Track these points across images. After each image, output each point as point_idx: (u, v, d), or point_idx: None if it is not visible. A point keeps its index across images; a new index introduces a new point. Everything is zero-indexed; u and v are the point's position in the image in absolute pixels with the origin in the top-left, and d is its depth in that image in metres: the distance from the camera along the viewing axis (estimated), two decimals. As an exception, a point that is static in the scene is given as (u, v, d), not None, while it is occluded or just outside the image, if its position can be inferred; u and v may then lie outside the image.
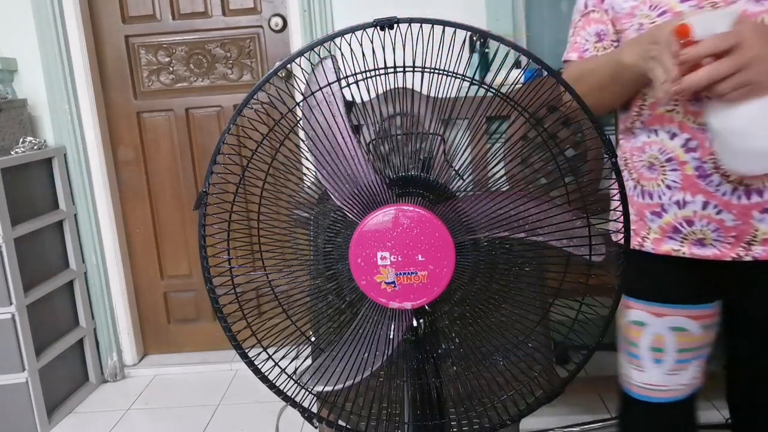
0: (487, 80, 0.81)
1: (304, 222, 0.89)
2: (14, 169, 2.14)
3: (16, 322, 2.08)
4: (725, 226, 0.95)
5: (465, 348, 0.85)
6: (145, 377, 2.57)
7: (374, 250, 0.77)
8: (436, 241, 0.76)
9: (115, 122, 2.55)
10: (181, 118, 2.54)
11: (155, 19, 2.47)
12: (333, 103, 0.81)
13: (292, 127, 0.85)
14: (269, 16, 2.44)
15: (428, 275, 0.77)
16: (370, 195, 0.80)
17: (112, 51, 2.50)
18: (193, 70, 2.51)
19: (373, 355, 0.84)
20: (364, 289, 0.79)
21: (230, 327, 0.87)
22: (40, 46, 2.34)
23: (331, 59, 0.81)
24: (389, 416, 0.89)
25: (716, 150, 0.90)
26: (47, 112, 2.40)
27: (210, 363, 2.59)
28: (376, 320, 0.83)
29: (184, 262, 2.64)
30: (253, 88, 0.82)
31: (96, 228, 2.48)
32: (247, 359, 0.88)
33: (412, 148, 0.85)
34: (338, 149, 0.81)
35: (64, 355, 2.33)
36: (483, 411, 0.87)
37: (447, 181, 0.83)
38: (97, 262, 2.49)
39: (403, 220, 0.76)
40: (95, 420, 2.28)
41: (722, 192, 0.94)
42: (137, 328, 2.67)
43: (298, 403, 0.89)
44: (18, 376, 2.10)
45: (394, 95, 0.82)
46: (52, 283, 2.30)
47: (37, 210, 2.27)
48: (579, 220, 0.80)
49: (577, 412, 1.99)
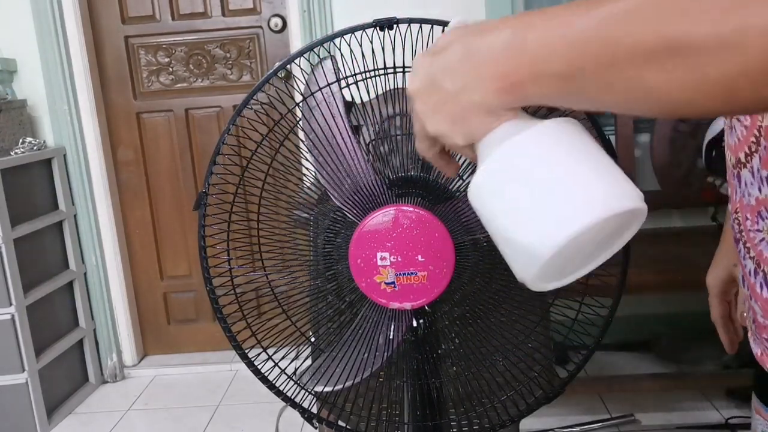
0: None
1: (304, 222, 0.89)
2: (14, 169, 2.14)
3: (16, 322, 2.07)
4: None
5: (465, 348, 0.85)
6: (145, 378, 2.57)
7: (374, 250, 0.77)
8: (435, 242, 0.76)
9: (114, 123, 2.54)
10: (180, 119, 2.54)
11: (155, 20, 2.47)
12: (333, 104, 0.81)
13: (291, 128, 0.85)
14: (269, 17, 2.44)
15: (428, 276, 0.77)
16: (369, 195, 0.80)
17: (111, 51, 2.50)
18: (193, 71, 2.51)
19: (373, 356, 0.84)
20: (363, 289, 0.79)
21: (230, 327, 0.87)
22: (40, 46, 2.34)
23: (331, 60, 0.81)
24: (389, 417, 0.89)
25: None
26: (47, 112, 2.40)
27: (210, 363, 2.59)
28: (376, 320, 0.83)
29: (184, 263, 2.64)
30: (253, 89, 0.82)
31: (96, 228, 2.48)
32: (247, 360, 0.88)
33: (412, 149, 0.85)
34: (338, 150, 0.81)
35: (63, 355, 2.33)
36: (483, 411, 0.87)
37: (447, 181, 0.83)
38: (96, 262, 2.49)
39: (403, 220, 0.76)
40: (95, 420, 2.27)
41: None
42: (137, 328, 2.66)
43: (297, 403, 0.89)
44: (18, 376, 2.10)
45: (393, 95, 0.82)
46: (52, 283, 2.30)
47: (37, 210, 2.27)
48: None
49: (577, 412, 1.99)
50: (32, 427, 2.15)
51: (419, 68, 0.49)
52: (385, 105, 0.85)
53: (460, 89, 0.46)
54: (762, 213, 0.62)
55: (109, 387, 2.53)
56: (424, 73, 0.49)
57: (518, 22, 0.44)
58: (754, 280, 0.65)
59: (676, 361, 2.22)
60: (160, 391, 2.46)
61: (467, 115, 0.47)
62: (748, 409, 0.79)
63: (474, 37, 0.46)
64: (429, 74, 0.48)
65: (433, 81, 0.48)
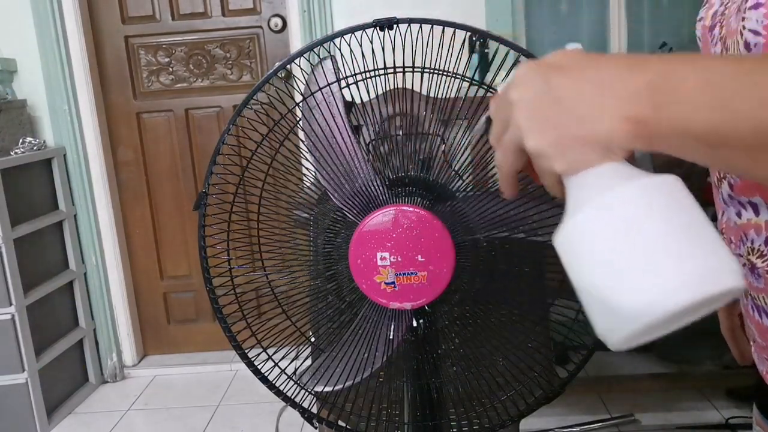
0: (487, 80, 0.81)
1: (304, 222, 0.89)
2: (14, 169, 2.13)
3: (16, 322, 2.07)
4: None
5: (465, 348, 0.85)
6: (145, 378, 2.57)
7: (374, 250, 0.77)
8: (435, 242, 0.76)
9: (114, 123, 2.54)
10: (180, 119, 2.54)
11: (155, 20, 2.47)
12: (332, 104, 0.81)
13: (291, 128, 0.85)
14: (269, 17, 2.44)
15: (428, 276, 0.77)
16: (369, 195, 0.80)
17: (111, 51, 2.50)
18: (193, 71, 2.51)
19: (373, 356, 0.84)
20: (363, 289, 0.79)
21: (230, 327, 0.87)
22: (40, 46, 2.34)
23: (331, 60, 0.81)
24: (389, 417, 0.89)
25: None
26: (47, 112, 2.40)
27: (210, 363, 2.59)
28: (376, 320, 0.83)
29: (184, 263, 2.64)
30: (253, 89, 0.82)
31: (96, 228, 2.48)
32: (247, 360, 0.88)
33: (412, 149, 0.85)
34: (338, 150, 0.81)
35: (63, 355, 2.33)
36: (483, 411, 0.87)
37: (447, 181, 0.83)
38: (96, 262, 2.49)
39: (403, 220, 0.76)
40: (95, 420, 2.27)
41: None
42: (137, 328, 2.66)
43: (297, 403, 0.89)
44: (18, 376, 2.10)
45: (393, 96, 0.82)
46: (52, 283, 2.30)
47: (37, 211, 2.27)
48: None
49: (576, 412, 1.99)
50: (32, 427, 2.15)
51: (531, 77, 0.46)
52: (385, 105, 0.85)
53: (585, 116, 0.43)
54: (743, 237, 0.62)
55: (109, 387, 2.53)
56: (540, 85, 0.45)
57: (666, 68, 0.42)
58: (746, 302, 0.65)
59: (676, 361, 2.22)
60: (160, 391, 2.46)
61: (581, 143, 0.44)
62: (748, 409, 0.79)
63: (610, 68, 0.44)
64: (547, 88, 0.44)
65: (553, 96, 0.44)
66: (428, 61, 0.79)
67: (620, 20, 2.39)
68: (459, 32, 0.78)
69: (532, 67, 0.46)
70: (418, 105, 0.86)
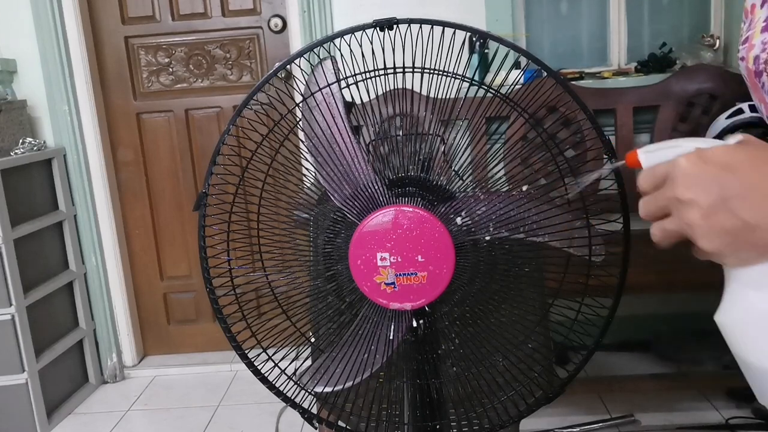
0: (487, 81, 0.81)
1: (304, 223, 0.89)
2: (14, 170, 2.14)
3: (16, 323, 2.07)
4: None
5: (465, 349, 0.85)
6: (145, 378, 2.57)
7: (374, 251, 0.77)
8: (435, 242, 0.76)
9: (114, 123, 2.54)
10: (180, 119, 2.54)
11: (155, 20, 2.47)
12: (333, 104, 0.81)
13: (291, 128, 0.85)
14: (269, 17, 2.44)
15: (428, 276, 0.77)
16: (369, 196, 0.80)
17: (111, 52, 2.50)
18: (193, 71, 2.51)
19: (373, 356, 0.84)
20: (363, 290, 0.79)
21: (230, 328, 0.87)
22: (40, 47, 2.34)
23: (331, 60, 0.81)
24: (389, 417, 0.89)
25: None
26: (47, 113, 2.40)
27: (210, 364, 2.59)
28: (376, 321, 0.83)
29: (184, 263, 2.64)
30: (253, 89, 0.82)
31: (96, 229, 2.48)
32: (247, 360, 0.88)
33: (412, 149, 0.85)
34: (338, 150, 0.81)
35: (63, 356, 2.33)
36: (483, 412, 0.87)
37: (447, 181, 0.83)
38: (96, 263, 2.49)
39: (403, 220, 0.76)
40: (95, 421, 2.27)
41: None
42: (137, 329, 2.66)
43: (297, 403, 0.89)
44: (18, 377, 2.10)
45: (393, 96, 0.82)
46: (52, 284, 2.30)
47: (37, 211, 2.27)
48: (579, 220, 0.80)
49: (577, 412, 1.99)
50: (32, 428, 2.15)
51: (704, 180, 0.49)
52: (385, 105, 0.85)
53: (758, 225, 0.47)
54: None
55: (109, 387, 2.53)
56: (714, 190, 0.48)
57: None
58: None
59: (676, 361, 2.22)
60: (160, 391, 2.46)
61: (752, 247, 0.48)
62: (748, 409, 0.80)
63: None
64: (722, 193, 0.48)
65: (727, 204, 0.48)
66: (428, 62, 0.79)
67: (620, 20, 2.39)
68: (459, 32, 0.78)
69: (702, 168, 0.49)
70: (418, 105, 0.86)
